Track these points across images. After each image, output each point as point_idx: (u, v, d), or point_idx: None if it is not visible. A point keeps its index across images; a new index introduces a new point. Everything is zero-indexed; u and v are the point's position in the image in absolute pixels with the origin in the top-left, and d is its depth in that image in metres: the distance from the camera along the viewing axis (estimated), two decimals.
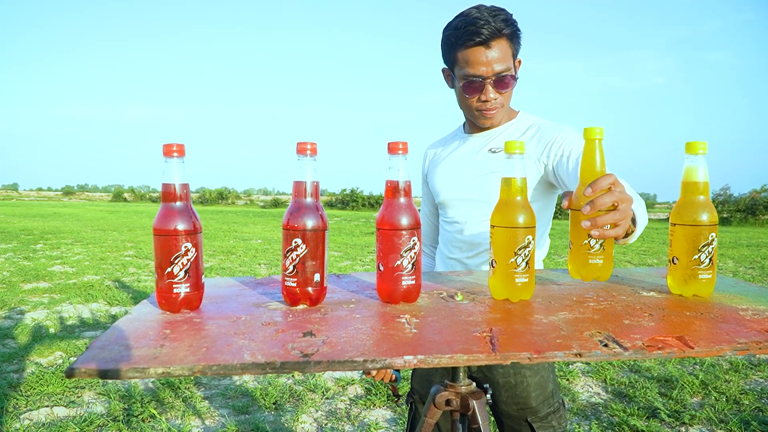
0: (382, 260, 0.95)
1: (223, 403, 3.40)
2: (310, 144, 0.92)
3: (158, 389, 3.53)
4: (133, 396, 3.40)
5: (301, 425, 3.12)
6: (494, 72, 1.44)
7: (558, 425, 1.49)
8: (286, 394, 3.51)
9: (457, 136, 1.71)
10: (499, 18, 1.41)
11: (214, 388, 3.63)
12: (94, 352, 0.73)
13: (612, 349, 0.76)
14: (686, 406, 3.31)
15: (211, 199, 48.59)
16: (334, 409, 3.34)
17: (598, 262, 1.07)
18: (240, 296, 1.04)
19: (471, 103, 1.52)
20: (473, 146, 1.62)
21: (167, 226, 0.88)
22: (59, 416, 3.14)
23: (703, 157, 1.02)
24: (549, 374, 1.51)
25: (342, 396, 3.54)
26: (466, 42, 1.42)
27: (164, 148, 0.89)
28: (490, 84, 1.46)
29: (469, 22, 1.41)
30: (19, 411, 3.18)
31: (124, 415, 3.16)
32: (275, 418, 3.18)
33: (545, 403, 1.47)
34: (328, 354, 0.72)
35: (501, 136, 1.57)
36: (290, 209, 0.93)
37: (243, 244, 12.06)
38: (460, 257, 1.61)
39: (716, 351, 0.78)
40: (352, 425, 3.13)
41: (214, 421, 3.15)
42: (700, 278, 1.02)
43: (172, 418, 3.16)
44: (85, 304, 5.90)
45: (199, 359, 0.70)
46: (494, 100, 1.49)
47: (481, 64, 1.43)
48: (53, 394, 3.44)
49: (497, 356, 0.73)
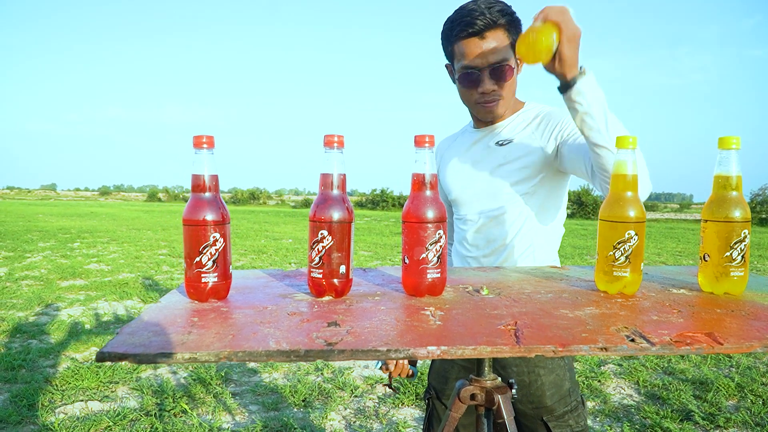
0: (408, 253, 0.95)
1: (252, 399, 3.44)
2: (337, 136, 0.93)
3: (190, 385, 3.59)
4: (165, 391, 3.46)
5: (330, 423, 3.14)
6: (490, 63, 1.43)
7: (575, 424, 1.46)
8: (315, 392, 3.53)
9: (466, 132, 1.70)
10: (494, 9, 1.40)
11: (244, 384, 3.67)
12: (123, 338, 0.75)
13: (639, 344, 0.75)
14: (721, 409, 3.23)
15: (243, 199, 49.20)
16: (363, 408, 3.35)
17: (624, 274, 0.99)
18: (267, 287, 1.05)
19: (470, 96, 1.51)
20: (480, 141, 1.61)
21: (196, 217, 0.90)
22: (93, 410, 3.22)
23: (737, 152, 0.99)
24: (565, 373, 1.48)
25: (370, 394, 3.55)
26: (460, 33, 1.42)
27: (194, 139, 0.91)
28: (486, 75, 1.45)
29: (465, 14, 1.41)
30: (55, 405, 3.26)
31: (157, 410, 3.22)
32: (304, 416, 3.21)
33: (561, 402, 1.45)
34: (351, 343, 0.73)
35: (507, 128, 1.56)
36: (317, 201, 0.94)
37: (274, 244, 12.19)
38: (476, 255, 1.60)
39: (746, 348, 0.76)
40: (381, 423, 3.13)
41: (244, 418, 3.19)
42: (732, 276, 1.00)
43: (203, 414, 3.21)
44: (119, 301, 6.03)
45: (225, 346, 0.71)
46: (492, 92, 1.47)
47: (476, 55, 1.42)
48: (88, 388, 3.52)
49: (521, 349, 0.73)
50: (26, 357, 4.04)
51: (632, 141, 0.97)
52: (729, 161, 0.99)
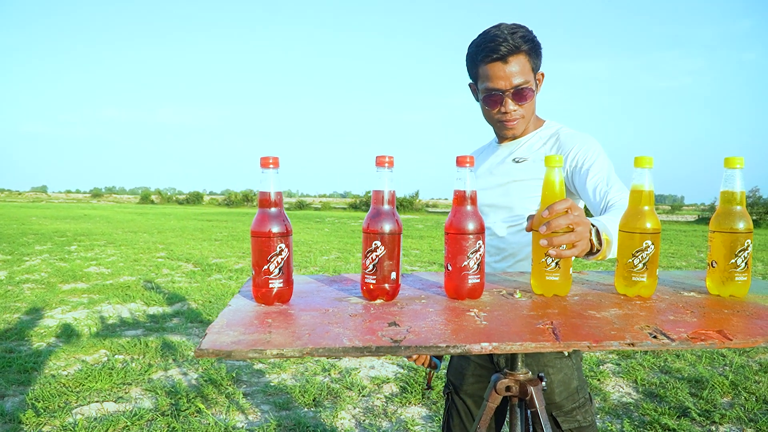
0: (451, 261, 1.06)
1: (263, 399, 3.55)
2: (388, 157, 1.04)
3: (202, 386, 3.69)
4: (178, 392, 3.56)
5: (341, 421, 3.24)
6: (513, 85, 1.54)
7: (583, 419, 1.56)
8: (324, 392, 3.64)
9: (490, 146, 1.82)
10: (517, 35, 1.51)
11: (254, 385, 3.77)
12: (213, 337, 0.86)
13: (660, 340, 0.86)
14: (716, 406, 3.37)
15: (237, 201, 49.12)
16: (371, 407, 3.46)
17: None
18: (320, 292, 1.16)
19: (493, 115, 1.63)
20: (500, 156, 1.73)
21: (264, 229, 1.01)
22: (109, 411, 3.31)
23: (741, 171, 1.12)
24: (573, 372, 1.58)
25: (378, 394, 3.66)
26: (485, 58, 1.54)
27: (261, 160, 1.02)
28: (509, 97, 1.56)
29: (489, 39, 1.52)
30: (71, 406, 3.35)
31: (172, 410, 3.32)
32: (315, 414, 3.32)
33: (569, 398, 1.55)
34: (414, 340, 0.84)
35: (525, 146, 1.68)
36: (370, 215, 1.05)
37: None
38: (488, 261, 1.71)
39: (752, 342, 0.88)
40: (390, 421, 3.24)
41: (257, 417, 3.29)
42: (737, 280, 1.12)
43: (216, 413, 3.31)
44: (123, 304, 6.12)
45: (305, 343, 0.83)
46: (514, 111, 1.59)
47: (500, 78, 1.53)
48: (102, 390, 3.61)
49: (561, 344, 0.84)
50: (37, 360, 4.12)
51: (649, 161, 1.10)
52: (734, 179, 1.12)
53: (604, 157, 1.56)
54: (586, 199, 1.52)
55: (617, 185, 1.47)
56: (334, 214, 34.41)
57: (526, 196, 1.62)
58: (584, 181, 1.52)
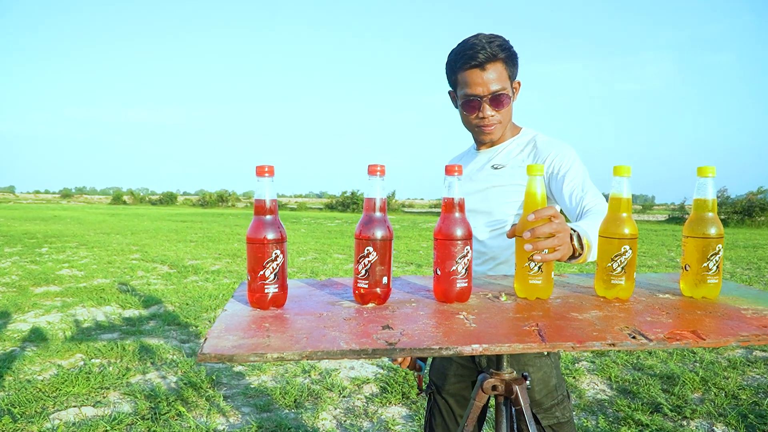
0: (440, 266, 1.11)
1: (244, 401, 3.55)
2: (380, 166, 1.08)
3: (181, 389, 3.68)
4: (158, 396, 3.54)
5: (322, 422, 3.27)
6: (490, 92, 1.60)
7: (561, 415, 1.62)
8: (304, 393, 3.66)
9: (469, 153, 1.88)
10: (494, 44, 1.58)
11: (234, 387, 3.78)
12: (213, 341, 0.89)
13: (639, 340, 0.92)
14: (687, 401, 3.48)
15: (211, 202, 48.66)
16: (352, 407, 3.49)
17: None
18: (312, 296, 1.20)
19: (471, 120, 1.69)
20: (479, 162, 1.78)
21: (259, 236, 1.04)
22: (88, 416, 3.28)
23: (712, 179, 1.19)
24: (552, 370, 1.64)
25: (358, 394, 3.70)
26: (464, 65, 1.60)
27: (257, 169, 1.05)
28: (486, 102, 1.62)
29: (468, 48, 1.58)
30: (48, 412, 3.31)
31: (152, 413, 3.31)
32: (296, 416, 3.34)
33: (548, 396, 1.61)
34: (408, 343, 0.88)
35: (503, 153, 1.74)
36: (363, 221, 1.09)
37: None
38: None
39: (723, 342, 0.94)
40: (371, 421, 3.28)
41: (238, 419, 3.30)
42: (709, 283, 1.19)
43: (197, 416, 3.31)
44: (98, 307, 6.05)
45: (304, 346, 0.86)
46: (491, 117, 1.65)
47: (478, 84, 1.60)
48: (79, 394, 3.58)
49: (547, 345, 0.89)
50: (10, 365, 4.07)
51: (627, 170, 1.16)
52: (706, 188, 1.18)
53: (579, 164, 1.62)
54: (563, 204, 1.58)
55: (592, 191, 1.53)
56: (311, 215, 34.33)
57: (505, 202, 1.68)
58: (561, 186, 1.58)
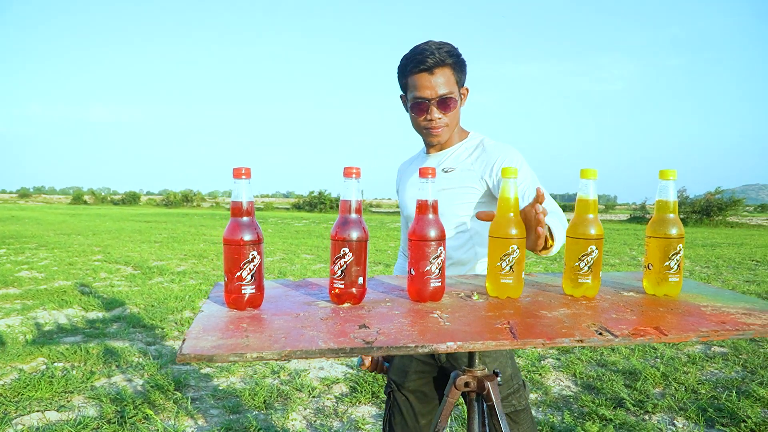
0: (414, 266, 1.13)
1: (212, 404, 3.53)
2: (355, 168, 1.10)
3: (148, 392, 3.63)
4: (124, 399, 3.49)
5: (292, 423, 3.27)
6: (438, 95, 1.67)
7: (518, 403, 1.69)
8: (274, 394, 3.65)
9: (420, 156, 1.94)
10: (443, 50, 1.65)
11: (202, 389, 3.74)
12: (192, 342, 0.90)
13: (605, 337, 0.96)
14: (649, 396, 3.58)
15: (176, 202, 47.88)
16: (322, 407, 3.50)
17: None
18: (288, 297, 1.21)
19: (420, 122, 1.74)
20: (429, 165, 1.83)
21: (236, 237, 1.05)
22: (52, 420, 3.21)
23: (674, 182, 1.24)
24: (508, 360, 1.70)
25: (328, 394, 3.71)
26: (413, 69, 1.67)
27: (234, 171, 1.06)
28: (434, 105, 1.68)
29: (417, 53, 1.65)
30: (10, 417, 3.23)
31: (118, 417, 3.26)
32: (266, 417, 3.33)
33: (505, 385, 1.67)
34: (385, 341, 0.90)
35: (452, 157, 1.79)
36: (339, 223, 1.11)
37: (214, 248, 12.08)
38: None
39: (684, 337, 0.99)
40: (341, 421, 3.29)
41: (206, 422, 3.27)
42: (670, 281, 1.24)
43: (165, 419, 3.27)
44: (59, 309, 5.91)
45: (283, 346, 0.88)
46: (439, 119, 1.71)
47: (426, 87, 1.66)
48: (42, 399, 3.50)
49: (518, 342, 0.92)
50: None
51: (593, 173, 1.20)
52: (667, 190, 1.23)
53: (527, 167, 1.70)
54: None
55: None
56: (277, 215, 34.09)
57: (456, 204, 1.73)
58: None
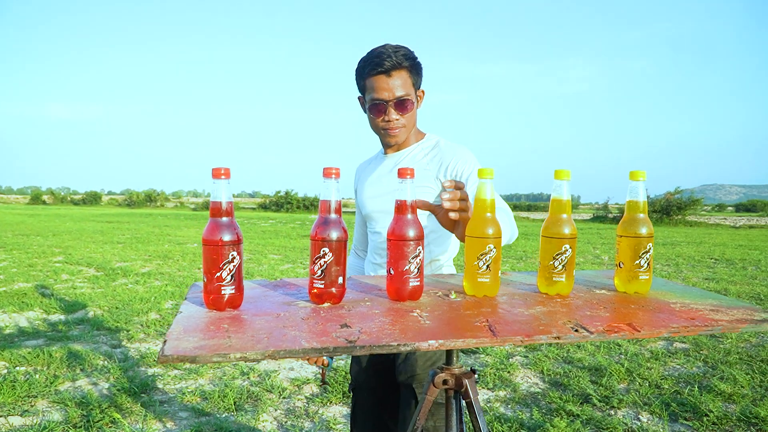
0: (393, 265, 1.14)
1: (181, 406, 3.48)
2: (335, 169, 1.11)
3: (114, 395, 3.56)
4: (90, 403, 3.42)
5: (263, 424, 3.25)
6: (395, 96, 1.70)
7: (442, 399, 1.67)
8: (244, 396, 3.62)
9: (378, 157, 1.97)
10: (399, 53, 1.69)
11: (170, 392, 3.69)
12: (174, 343, 0.89)
13: (581, 333, 0.98)
14: (614, 392, 3.67)
15: (139, 202, 46.96)
16: (293, 408, 3.49)
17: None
18: (266, 297, 1.21)
19: (378, 123, 1.78)
20: (387, 166, 1.88)
21: (216, 238, 1.05)
22: (15, 425, 3.13)
23: (643, 183, 1.28)
24: (442, 354, 1.73)
25: (299, 395, 3.69)
26: (371, 71, 1.70)
27: (213, 171, 1.06)
28: (391, 106, 1.72)
29: (375, 55, 1.69)
30: None
31: (84, 421, 3.19)
32: (236, 419, 3.30)
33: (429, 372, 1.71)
34: (368, 340, 0.91)
35: (408, 157, 1.84)
36: (318, 223, 1.11)
37: (179, 248, 11.90)
38: (381, 263, 1.87)
39: (656, 333, 1.02)
40: (312, 422, 3.29)
41: (175, 425, 3.23)
42: (641, 279, 1.28)
43: (132, 423, 3.22)
44: (20, 312, 5.76)
45: (266, 346, 0.88)
46: (396, 120, 1.75)
47: (383, 89, 1.70)
48: (5, 403, 3.41)
49: (498, 340, 0.94)
50: None
51: (566, 174, 1.23)
52: (637, 191, 1.27)
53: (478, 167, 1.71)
54: None
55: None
56: (243, 215, 33.74)
57: None
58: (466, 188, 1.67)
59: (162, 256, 10.49)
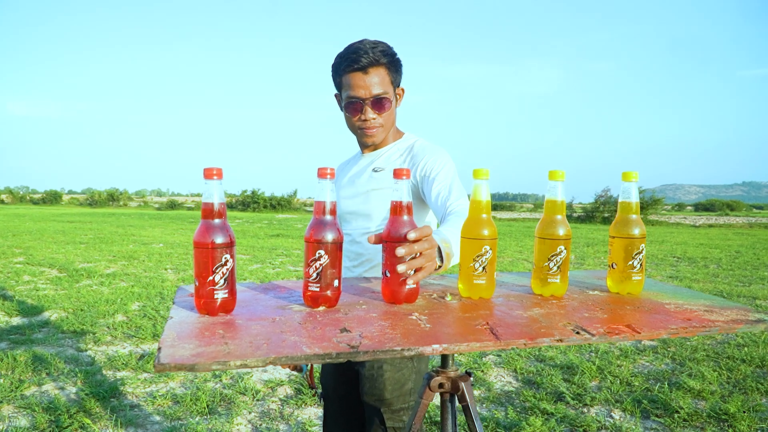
0: (389, 268, 1.12)
1: (153, 410, 3.40)
2: (330, 169, 1.08)
3: (83, 400, 3.46)
4: (57, 408, 3.31)
5: (237, 427, 3.19)
6: (372, 95, 1.64)
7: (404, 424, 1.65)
8: (217, 399, 3.56)
9: (355, 157, 1.92)
10: (377, 49, 1.63)
11: (141, 396, 3.60)
12: (169, 351, 0.85)
13: (583, 335, 0.98)
14: (587, 390, 3.72)
15: (101, 201, 45.86)
16: (267, 410, 3.44)
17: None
18: (259, 300, 1.17)
19: (354, 122, 1.72)
20: (362, 165, 1.82)
21: (208, 240, 1.01)
22: None
23: (636, 183, 1.28)
24: (411, 374, 1.67)
25: (273, 397, 3.64)
26: (347, 68, 1.64)
27: (205, 171, 1.02)
28: (368, 105, 1.66)
29: (352, 51, 1.63)
30: None
31: (52, 427, 3.09)
32: (210, 423, 3.23)
33: (400, 398, 1.65)
34: (370, 345, 0.89)
35: (384, 157, 1.78)
36: (313, 224, 1.08)
37: (144, 249, 11.64)
38: (347, 265, 1.80)
39: (657, 335, 1.02)
40: (287, 424, 3.24)
41: (146, 429, 3.15)
42: (633, 279, 1.28)
43: (102, 428, 3.13)
44: None
45: (267, 352, 0.84)
46: (373, 119, 1.69)
47: (360, 87, 1.64)
48: None
49: (501, 343, 0.93)
50: None
51: (561, 175, 1.23)
52: (630, 192, 1.27)
53: (449, 168, 1.67)
54: (430, 204, 1.64)
55: (457, 193, 1.59)
56: None
57: (385, 204, 1.72)
58: (430, 188, 1.63)
59: (127, 257, 10.26)
